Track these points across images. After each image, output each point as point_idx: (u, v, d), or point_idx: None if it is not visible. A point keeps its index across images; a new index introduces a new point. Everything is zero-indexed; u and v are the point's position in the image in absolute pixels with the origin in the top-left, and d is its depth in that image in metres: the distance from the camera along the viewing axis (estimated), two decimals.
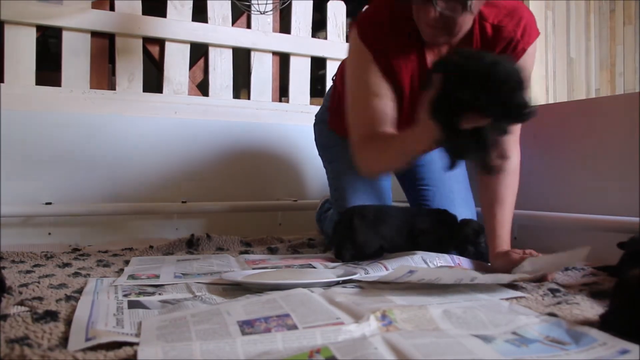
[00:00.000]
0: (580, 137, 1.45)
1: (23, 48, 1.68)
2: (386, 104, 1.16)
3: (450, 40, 1.13)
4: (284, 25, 2.18)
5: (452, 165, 0.99)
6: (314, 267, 1.21)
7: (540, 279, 0.99)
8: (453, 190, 1.40)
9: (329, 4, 2.23)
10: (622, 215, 1.26)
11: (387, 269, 1.11)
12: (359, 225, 1.23)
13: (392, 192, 1.50)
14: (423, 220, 1.28)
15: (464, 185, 1.45)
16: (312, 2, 2.19)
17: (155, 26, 1.87)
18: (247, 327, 0.66)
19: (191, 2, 1.94)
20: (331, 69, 2.18)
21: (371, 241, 1.24)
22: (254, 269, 1.17)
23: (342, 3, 2.25)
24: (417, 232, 1.26)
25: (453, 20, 1.06)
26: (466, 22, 1.08)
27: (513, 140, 1.20)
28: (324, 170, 1.59)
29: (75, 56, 1.76)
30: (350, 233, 1.24)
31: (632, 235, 1.03)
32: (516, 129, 1.21)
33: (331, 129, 1.50)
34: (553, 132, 1.52)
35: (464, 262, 1.18)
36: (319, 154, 1.60)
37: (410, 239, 1.26)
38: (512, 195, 1.18)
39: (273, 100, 2.10)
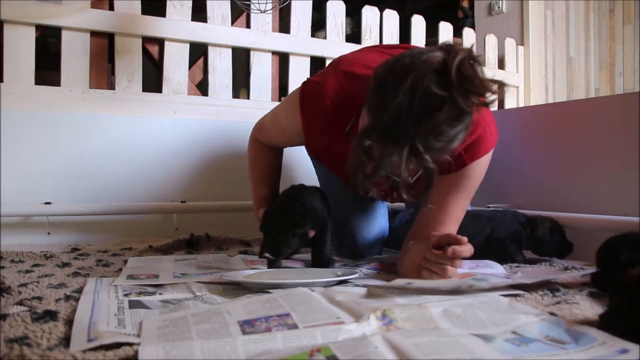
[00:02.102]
0: (579, 137, 1.45)
1: (22, 47, 1.68)
2: (288, 137, 1.31)
3: None
4: (284, 24, 2.18)
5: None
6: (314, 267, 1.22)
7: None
8: None
9: (328, 3, 2.23)
10: (622, 215, 1.26)
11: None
12: None
13: None
14: (498, 227, 1.30)
15: None
16: (311, 1, 2.19)
17: (154, 26, 1.87)
18: (248, 326, 0.66)
19: (190, 1, 1.94)
20: None
21: None
22: (253, 268, 1.17)
23: (342, 2, 2.25)
24: (495, 240, 1.29)
25: None
26: None
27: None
28: None
29: (75, 56, 1.76)
30: None
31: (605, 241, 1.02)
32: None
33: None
34: (552, 132, 1.52)
35: (464, 265, 1.19)
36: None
37: (488, 246, 1.28)
38: None
39: (272, 99, 2.09)
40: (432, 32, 2.60)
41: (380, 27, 2.39)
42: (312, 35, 2.20)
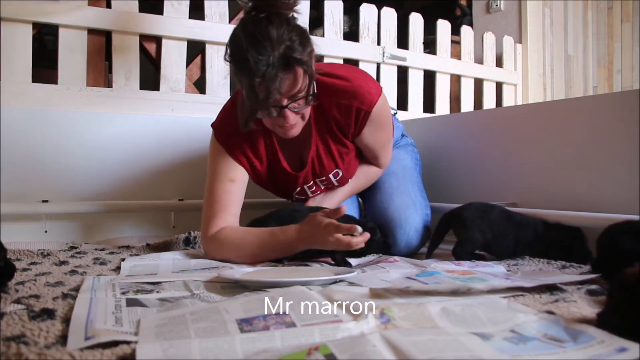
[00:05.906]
0: (578, 135, 1.45)
1: (19, 45, 1.67)
2: (235, 185, 1.31)
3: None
4: None
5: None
6: (311, 266, 1.21)
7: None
8: (392, 185, 1.48)
9: (326, 1, 2.23)
10: (621, 213, 1.26)
11: (387, 271, 1.11)
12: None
13: None
14: (528, 231, 1.31)
15: (406, 180, 1.51)
16: None
17: (152, 23, 1.86)
18: (246, 325, 0.66)
19: None
20: None
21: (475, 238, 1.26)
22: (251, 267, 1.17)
23: (340, 0, 2.25)
24: (521, 242, 1.30)
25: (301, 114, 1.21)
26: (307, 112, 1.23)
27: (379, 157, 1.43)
28: None
29: (72, 53, 1.75)
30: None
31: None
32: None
33: None
34: (551, 130, 1.52)
35: (465, 264, 1.19)
36: None
37: (516, 247, 1.29)
38: (364, 178, 1.47)
39: None
40: (430, 30, 2.60)
41: (378, 25, 2.38)
42: (310, 33, 2.19)
